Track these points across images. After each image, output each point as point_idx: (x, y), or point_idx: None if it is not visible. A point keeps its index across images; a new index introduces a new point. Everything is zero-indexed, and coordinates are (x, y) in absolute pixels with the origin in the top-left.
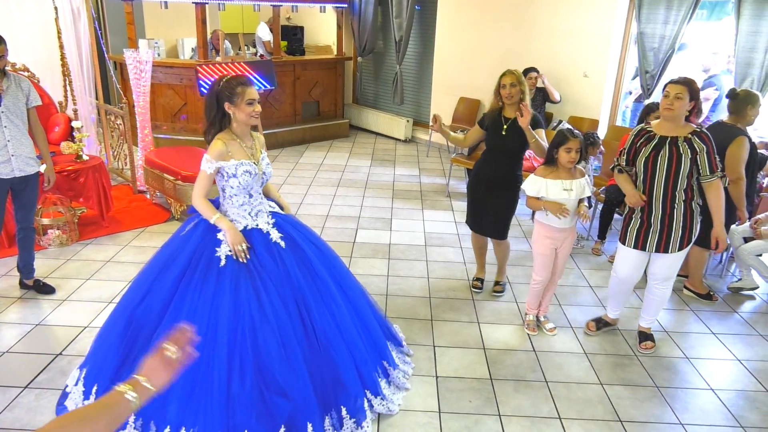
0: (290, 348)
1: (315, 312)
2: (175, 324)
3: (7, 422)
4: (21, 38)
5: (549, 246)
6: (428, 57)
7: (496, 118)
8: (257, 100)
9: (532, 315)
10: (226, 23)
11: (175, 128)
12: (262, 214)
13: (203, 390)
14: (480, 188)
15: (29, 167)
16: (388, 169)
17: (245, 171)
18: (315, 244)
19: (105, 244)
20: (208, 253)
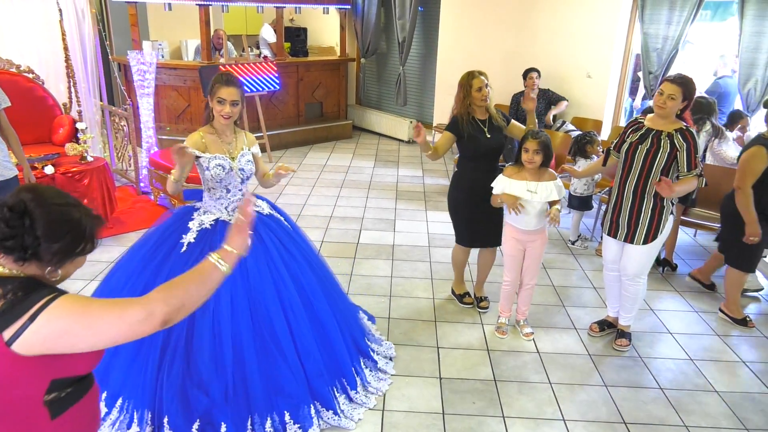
0: (221, 345)
1: (269, 314)
2: None
3: None
4: (26, 40)
5: (515, 247)
6: (431, 58)
7: (474, 123)
8: (231, 101)
9: (504, 317)
10: (229, 25)
11: (179, 129)
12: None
13: (139, 367)
14: (476, 203)
15: (7, 171)
16: (391, 170)
17: (217, 164)
18: (288, 249)
19: (109, 245)
20: (173, 238)
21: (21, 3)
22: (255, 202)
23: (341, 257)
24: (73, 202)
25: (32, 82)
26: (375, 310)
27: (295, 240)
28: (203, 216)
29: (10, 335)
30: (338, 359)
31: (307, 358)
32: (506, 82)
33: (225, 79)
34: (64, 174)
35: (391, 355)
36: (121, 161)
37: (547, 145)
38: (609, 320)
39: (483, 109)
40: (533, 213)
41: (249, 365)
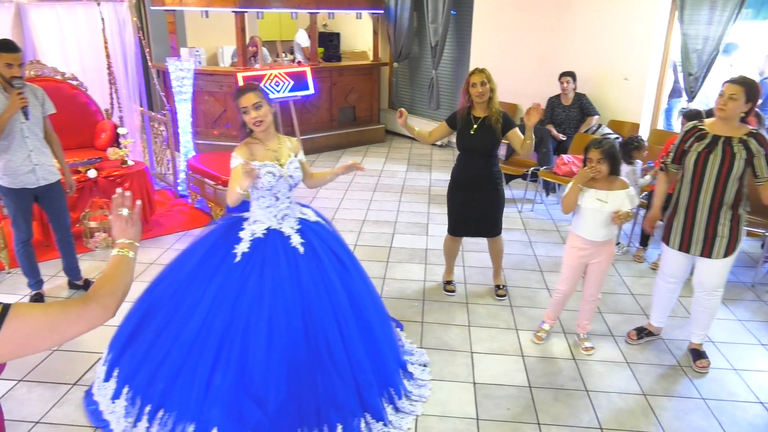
0: (277, 356)
1: (321, 325)
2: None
3: (57, 418)
4: (70, 48)
5: (576, 258)
6: (464, 61)
7: (466, 118)
8: (252, 106)
9: (547, 324)
10: (264, 31)
11: (216, 135)
12: (288, 219)
13: (187, 378)
14: (459, 192)
15: (51, 175)
16: (424, 174)
17: (268, 172)
18: (339, 258)
19: (148, 246)
20: (225, 249)
21: (66, 13)
22: (122, 192)
23: (374, 261)
24: None
25: (76, 89)
26: (408, 314)
27: (343, 247)
28: (254, 226)
29: None
30: (386, 368)
31: (358, 368)
32: (540, 85)
33: (240, 89)
34: (106, 177)
35: (425, 361)
36: (159, 165)
37: (610, 153)
38: (649, 329)
39: (483, 107)
40: (601, 223)
41: (302, 376)
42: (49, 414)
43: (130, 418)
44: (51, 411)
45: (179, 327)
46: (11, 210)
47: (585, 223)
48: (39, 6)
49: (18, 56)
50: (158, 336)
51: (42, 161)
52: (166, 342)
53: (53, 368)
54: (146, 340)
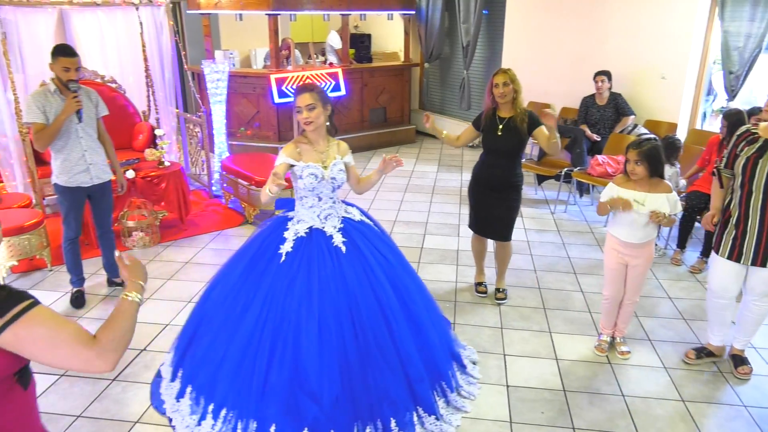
0: (329, 353)
1: (369, 321)
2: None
3: (96, 412)
4: (110, 52)
5: (616, 259)
6: (496, 61)
7: (491, 119)
8: (306, 106)
9: (605, 335)
10: (296, 33)
11: (248, 135)
12: (332, 218)
13: (245, 377)
14: (479, 191)
15: (105, 174)
16: (455, 175)
17: (310, 173)
18: (384, 255)
19: (184, 246)
20: (272, 249)
21: (106, 17)
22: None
23: None
24: None
25: (115, 92)
26: None
27: (388, 244)
28: (297, 225)
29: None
30: (436, 362)
31: (408, 362)
32: (574, 85)
33: (299, 87)
34: (144, 178)
35: (475, 359)
36: (194, 166)
37: (650, 155)
38: (710, 348)
39: (508, 107)
40: (639, 225)
41: (354, 372)
42: (90, 408)
43: (195, 416)
44: (91, 405)
45: (234, 328)
46: (64, 208)
47: (621, 225)
48: (81, 11)
49: (75, 60)
50: (216, 337)
51: (96, 161)
52: (223, 343)
53: None
54: (205, 341)
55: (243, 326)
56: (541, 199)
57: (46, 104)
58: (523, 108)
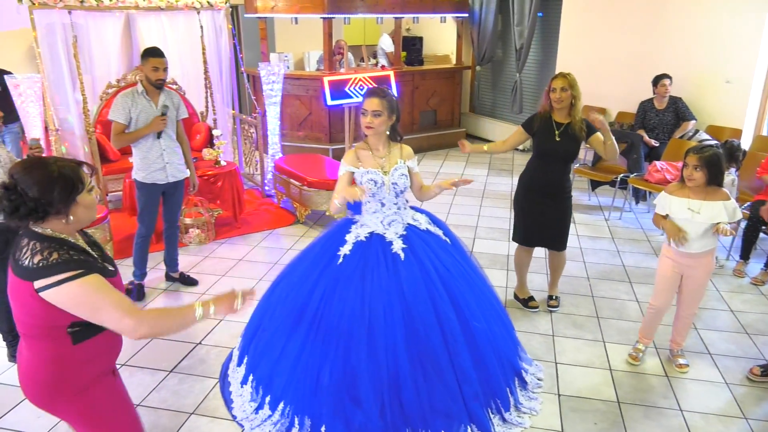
0: (377, 360)
1: (423, 332)
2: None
3: (155, 402)
4: (171, 54)
5: (671, 268)
6: (550, 65)
7: (547, 123)
8: (372, 111)
9: (642, 344)
10: (349, 36)
11: (300, 136)
12: (396, 224)
13: (301, 374)
14: (532, 197)
15: (180, 173)
16: (505, 179)
17: (369, 179)
18: (445, 265)
19: (237, 243)
20: (332, 250)
21: (169, 21)
22: (253, 295)
23: None
24: (49, 162)
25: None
26: None
27: (453, 255)
28: (359, 229)
29: (39, 286)
30: (493, 379)
31: (463, 378)
32: (632, 89)
33: (369, 91)
34: (201, 177)
35: (540, 376)
36: (248, 166)
37: (711, 161)
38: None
39: (564, 113)
40: (695, 234)
41: (404, 382)
42: (148, 398)
43: (253, 404)
44: (150, 395)
45: (293, 325)
46: (141, 203)
47: None
48: (146, 15)
49: (163, 60)
50: (276, 332)
51: (172, 160)
52: (282, 338)
53: (152, 355)
54: (267, 335)
55: (300, 324)
56: (594, 205)
57: (132, 106)
58: (580, 116)
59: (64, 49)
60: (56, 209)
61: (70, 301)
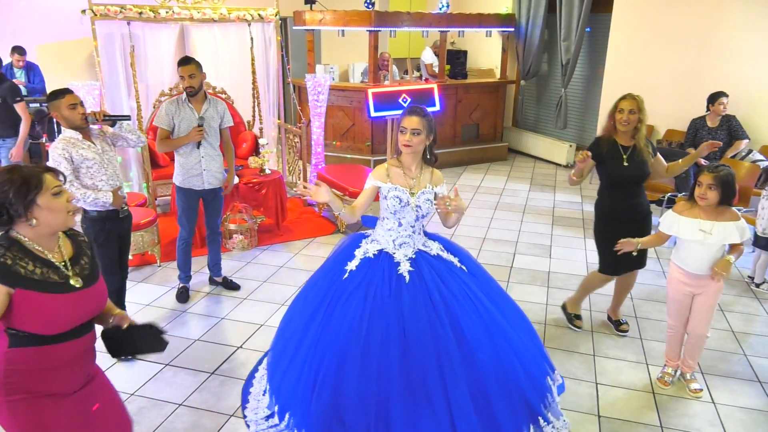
0: (367, 381)
1: (420, 360)
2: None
3: (196, 402)
4: (222, 65)
5: (681, 290)
6: (596, 80)
7: (614, 148)
8: (411, 129)
9: (670, 367)
10: (393, 48)
11: (342, 147)
12: (406, 247)
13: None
14: (616, 227)
15: (217, 181)
16: (547, 195)
17: (395, 195)
18: (453, 293)
19: (279, 250)
20: (340, 264)
21: (221, 32)
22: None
23: None
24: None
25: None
26: None
27: (465, 282)
28: (369, 244)
29: None
30: (498, 423)
31: (459, 415)
32: (682, 107)
33: (409, 109)
34: (246, 184)
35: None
36: (291, 174)
37: (725, 181)
38: None
39: (627, 136)
40: (706, 256)
41: (393, 409)
42: (190, 398)
43: (268, 410)
44: (191, 396)
45: (300, 338)
46: (180, 207)
47: (687, 255)
48: (199, 27)
49: (188, 68)
50: (287, 343)
51: (210, 167)
52: (291, 350)
53: (195, 356)
54: (280, 346)
55: (306, 338)
56: None
57: (175, 113)
58: (645, 139)
59: (121, 58)
60: (16, 211)
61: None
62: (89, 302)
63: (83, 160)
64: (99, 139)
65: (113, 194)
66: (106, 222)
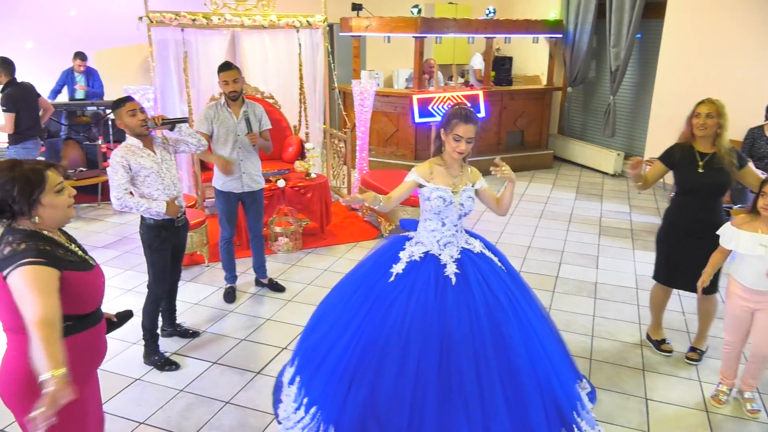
0: (404, 383)
1: (457, 362)
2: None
3: (243, 401)
4: (270, 70)
5: (740, 306)
6: (646, 87)
7: (689, 153)
8: (467, 138)
9: (725, 385)
10: (438, 54)
11: (386, 152)
12: (451, 247)
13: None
14: (678, 238)
15: (255, 184)
16: (594, 204)
17: (439, 196)
18: (495, 293)
19: (323, 254)
20: (385, 266)
21: (270, 39)
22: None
23: (539, 290)
24: (16, 164)
25: (272, 107)
26: (576, 350)
27: (506, 283)
28: (414, 247)
29: (5, 274)
30: (531, 427)
31: (493, 419)
32: (739, 116)
33: (464, 115)
34: (292, 188)
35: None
36: (335, 179)
37: None
38: None
39: (707, 142)
40: (766, 271)
41: (428, 410)
42: (237, 396)
43: (294, 404)
44: (238, 394)
45: (337, 334)
46: (220, 210)
47: (746, 270)
48: (249, 33)
49: (231, 74)
50: (322, 338)
51: (249, 170)
52: (326, 345)
53: (242, 356)
54: (313, 341)
55: (344, 335)
56: None
57: (214, 117)
58: (728, 146)
59: (174, 64)
60: (20, 209)
61: (14, 289)
62: (102, 279)
63: (140, 169)
64: (160, 147)
65: (167, 204)
66: (161, 230)
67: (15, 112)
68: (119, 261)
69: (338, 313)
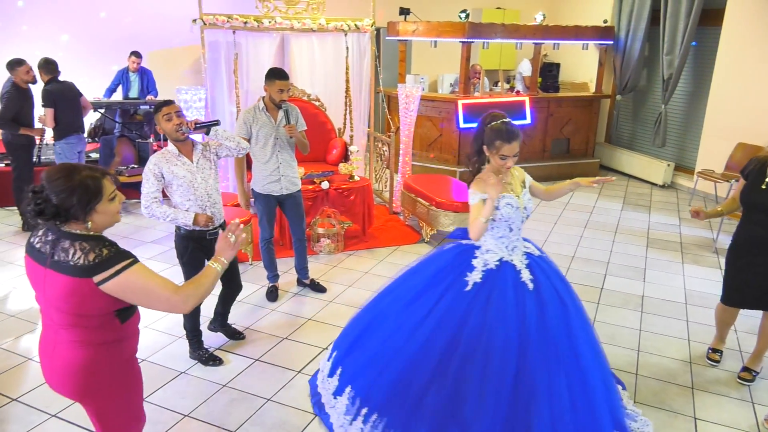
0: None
1: (532, 366)
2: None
3: (284, 399)
4: (317, 73)
5: None
6: (700, 97)
7: (760, 169)
8: (513, 155)
9: None
10: (484, 60)
11: (428, 157)
12: (517, 251)
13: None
14: (740, 254)
15: (293, 186)
16: (642, 215)
17: (507, 203)
18: (561, 298)
19: (364, 256)
20: (456, 274)
21: (318, 42)
22: (238, 225)
23: (583, 301)
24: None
25: (317, 109)
26: (620, 363)
27: (566, 285)
28: (486, 255)
29: (99, 280)
30: (596, 428)
31: (560, 423)
32: None
33: (507, 135)
34: (336, 190)
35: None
36: (378, 182)
37: None
38: None
39: None
40: None
41: (511, 412)
42: (278, 394)
43: (349, 416)
44: (280, 392)
45: (403, 342)
46: (259, 211)
47: None
48: (298, 36)
49: (288, 83)
50: (383, 346)
51: (287, 173)
52: (388, 353)
53: (283, 354)
54: (371, 348)
55: (412, 341)
56: None
57: (253, 121)
58: None
59: (225, 65)
60: (75, 215)
61: (127, 289)
62: None
63: (173, 178)
64: (200, 154)
65: (195, 216)
66: (190, 241)
67: (53, 108)
68: (166, 256)
69: (401, 319)
